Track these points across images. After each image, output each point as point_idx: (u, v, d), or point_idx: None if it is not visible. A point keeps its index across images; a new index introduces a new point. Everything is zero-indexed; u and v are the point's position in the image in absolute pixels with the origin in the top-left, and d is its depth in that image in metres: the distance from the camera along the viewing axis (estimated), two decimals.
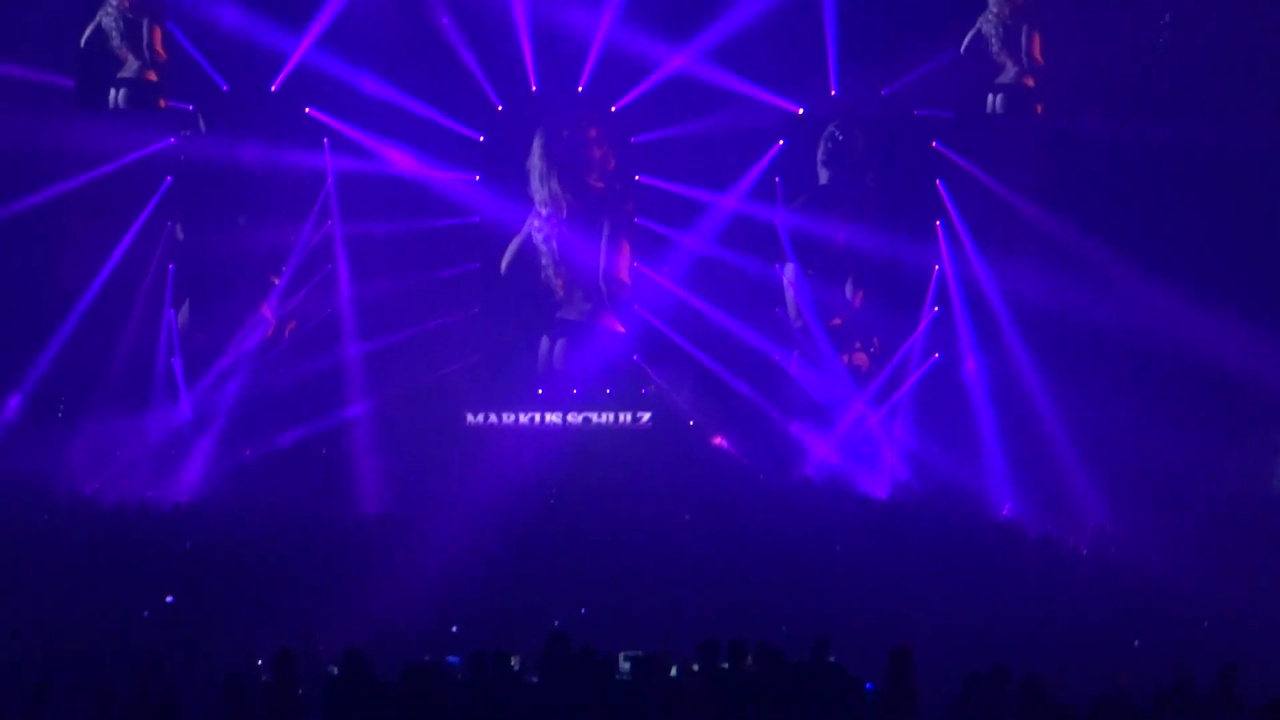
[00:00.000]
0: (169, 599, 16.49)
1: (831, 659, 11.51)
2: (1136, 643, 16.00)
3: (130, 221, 24.11)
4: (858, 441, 24.08)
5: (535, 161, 24.98)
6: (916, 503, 21.75)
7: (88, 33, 23.33)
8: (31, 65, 23.22)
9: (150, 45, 23.45)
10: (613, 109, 24.80)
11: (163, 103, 23.74)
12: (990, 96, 23.99)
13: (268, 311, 24.32)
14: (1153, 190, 23.62)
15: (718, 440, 24.43)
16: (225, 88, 24.34)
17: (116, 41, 23.35)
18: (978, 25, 24.04)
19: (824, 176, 25.15)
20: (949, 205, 24.64)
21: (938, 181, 24.73)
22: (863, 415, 24.26)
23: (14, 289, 23.17)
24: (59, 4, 23.40)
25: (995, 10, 23.97)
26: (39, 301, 23.42)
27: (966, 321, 24.52)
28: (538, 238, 25.06)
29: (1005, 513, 22.40)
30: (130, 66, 23.49)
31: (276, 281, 24.53)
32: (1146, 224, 23.51)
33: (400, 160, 24.42)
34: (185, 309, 24.58)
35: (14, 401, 22.89)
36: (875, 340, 24.96)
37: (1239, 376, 22.52)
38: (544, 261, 25.06)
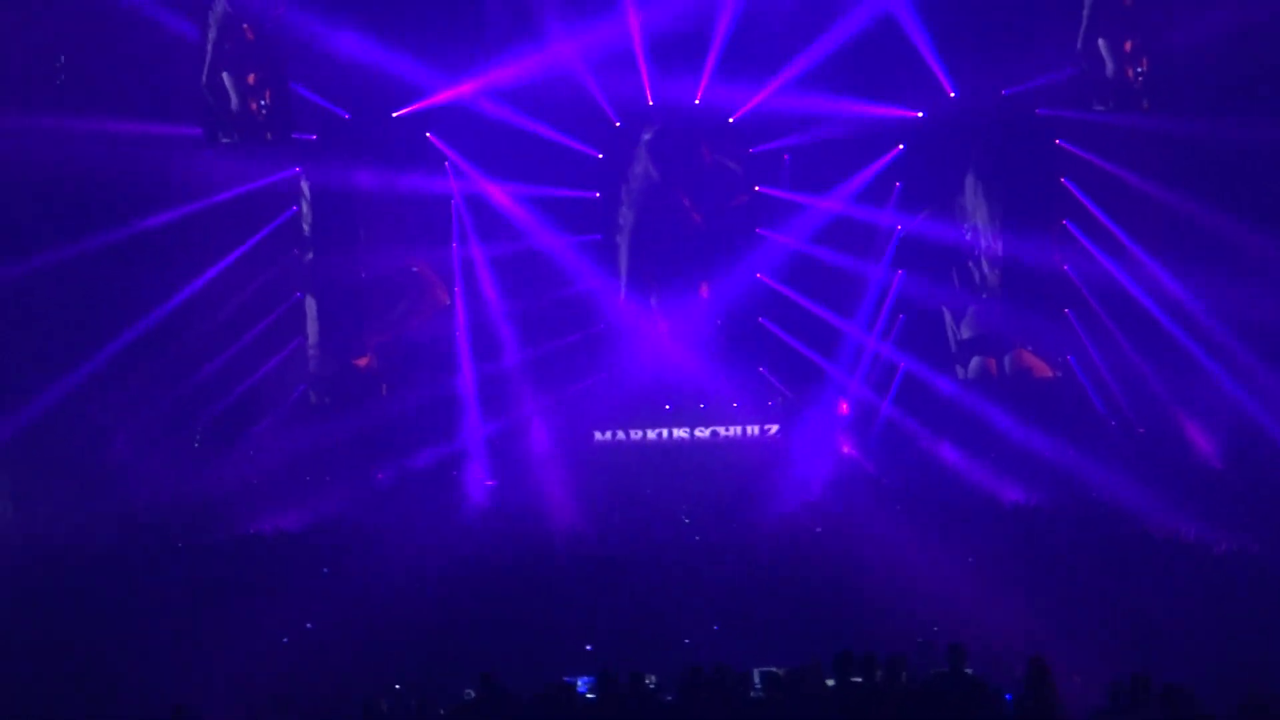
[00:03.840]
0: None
1: (969, 670, 11.34)
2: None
3: (258, 249, 24.46)
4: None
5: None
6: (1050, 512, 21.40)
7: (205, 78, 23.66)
8: (159, 120, 23.57)
9: (272, 90, 23.74)
10: (730, 120, 24.79)
11: (267, 135, 23.90)
12: (1099, 95, 23.65)
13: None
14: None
15: (847, 448, 24.26)
16: (346, 116, 24.62)
17: (235, 90, 23.66)
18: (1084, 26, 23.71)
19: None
20: (1082, 203, 24.40)
21: (1063, 180, 24.55)
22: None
23: (145, 322, 23.52)
24: (182, 63, 23.74)
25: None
26: (172, 333, 23.73)
27: (1109, 321, 24.23)
28: None
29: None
30: (249, 105, 23.81)
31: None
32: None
33: (520, 181, 24.65)
34: (314, 333, 24.89)
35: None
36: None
37: None
38: None
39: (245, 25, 23.47)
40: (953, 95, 24.32)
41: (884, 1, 23.79)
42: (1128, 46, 23.41)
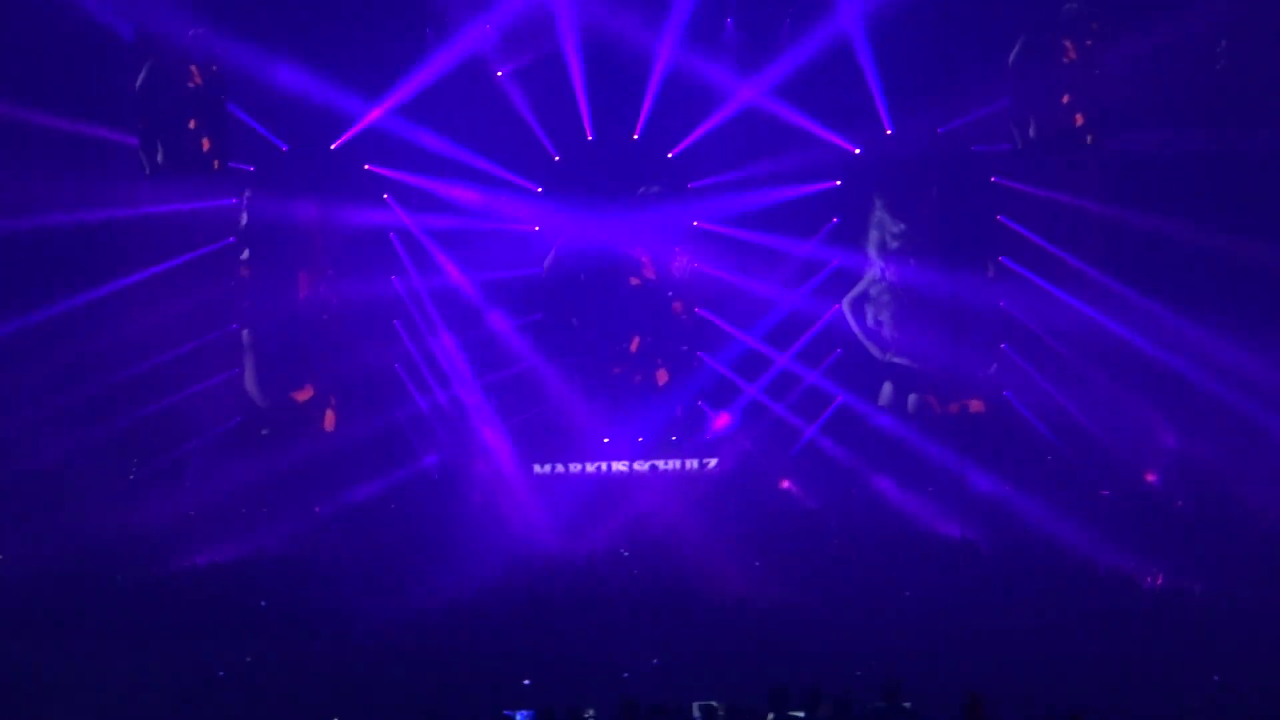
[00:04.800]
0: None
1: (906, 704, 11.40)
2: (1215, 678, 15.77)
3: (194, 282, 24.35)
4: None
5: None
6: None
7: (142, 97, 23.54)
8: (96, 122, 23.44)
9: (212, 118, 23.66)
10: (669, 155, 24.89)
11: (215, 164, 23.85)
12: (1037, 130, 23.89)
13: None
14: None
15: (785, 484, 24.33)
16: (284, 148, 24.57)
17: (179, 113, 23.57)
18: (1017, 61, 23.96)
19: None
20: (1017, 239, 24.61)
21: (999, 217, 24.76)
22: None
23: (80, 346, 23.33)
24: (121, 64, 23.60)
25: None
26: (103, 358, 23.55)
27: (1036, 355, 24.43)
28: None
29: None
30: (190, 134, 23.73)
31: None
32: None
33: (461, 208, 24.64)
34: (250, 368, 24.77)
35: None
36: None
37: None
38: None
39: (192, 67, 23.41)
40: (889, 131, 24.56)
41: (824, 40, 23.96)
42: (1065, 99, 23.75)
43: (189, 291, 24.24)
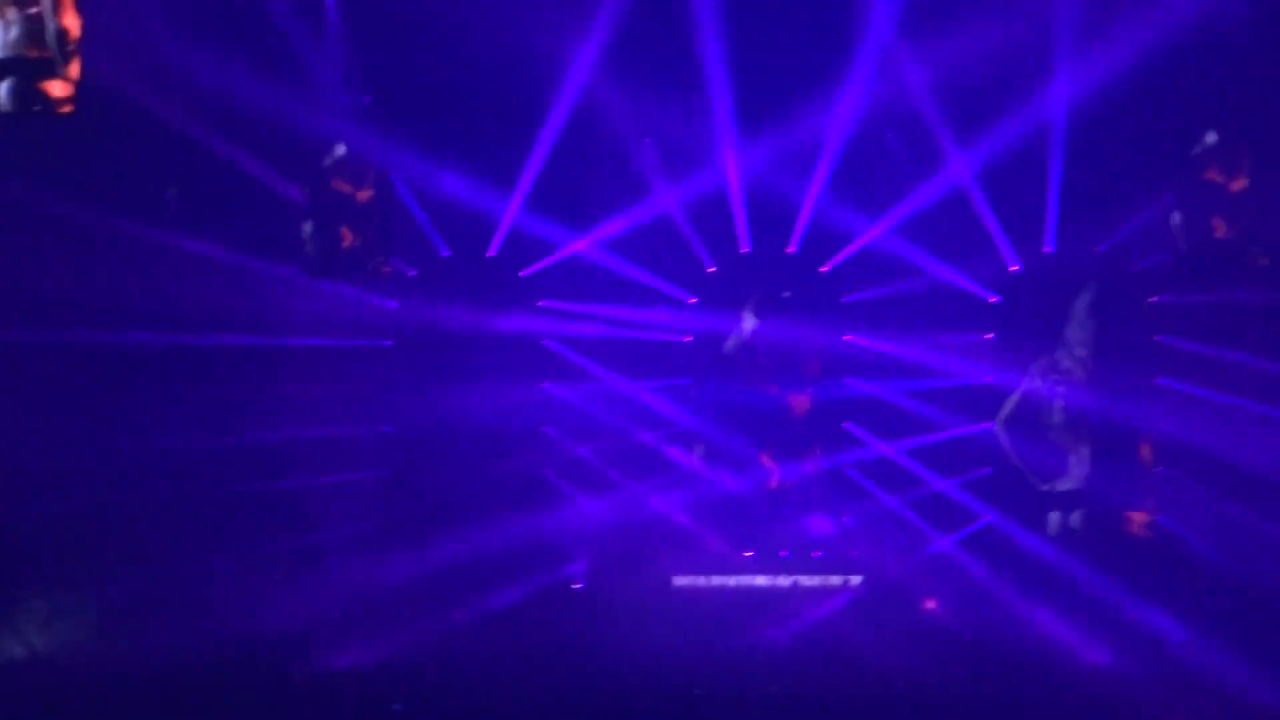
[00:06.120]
0: None
1: None
2: None
3: (354, 384, 24.81)
4: None
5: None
6: None
7: (307, 227, 24.10)
8: (258, 251, 24.04)
9: (376, 231, 24.20)
10: (822, 269, 24.89)
11: (386, 269, 24.38)
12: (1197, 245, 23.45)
13: None
14: None
15: (930, 604, 23.99)
16: (446, 253, 25.03)
17: (340, 226, 24.15)
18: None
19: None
20: (1177, 357, 24.13)
21: (1158, 337, 24.34)
22: None
23: (238, 450, 23.75)
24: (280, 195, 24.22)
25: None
26: (257, 462, 23.95)
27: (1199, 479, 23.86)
28: None
29: None
30: (350, 240, 24.29)
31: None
32: None
33: (615, 318, 24.88)
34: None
35: None
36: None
37: None
38: None
39: (356, 188, 24.01)
40: (1047, 250, 24.31)
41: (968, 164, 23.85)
42: (1219, 227, 23.30)
43: (347, 400, 24.67)
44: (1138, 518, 24.38)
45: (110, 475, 22.34)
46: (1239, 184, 23.24)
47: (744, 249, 24.99)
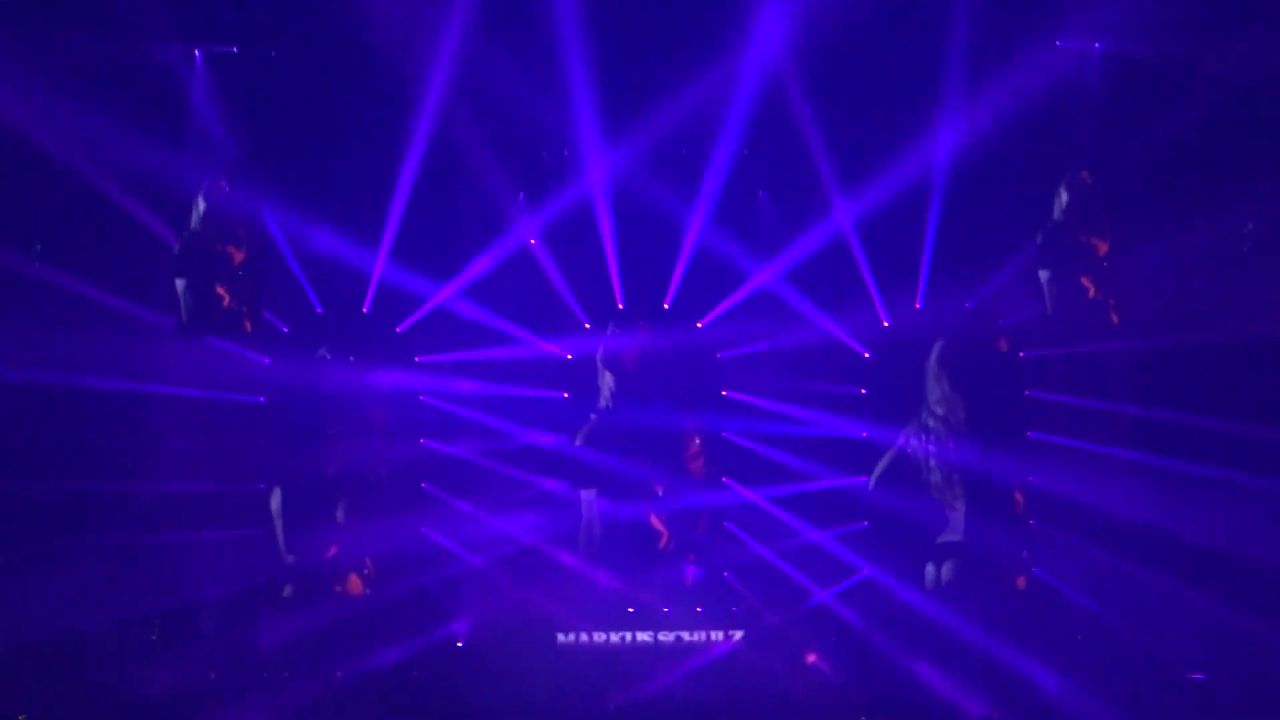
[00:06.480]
0: None
1: None
2: None
3: (226, 439, 24.30)
4: None
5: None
6: None
7: (181, 284, 23.69)
8: (130, 298, 23.58)
9: (249, 288, 23.88)
10: (699, 325, 25.00)
11: (247, 325, 24.01)
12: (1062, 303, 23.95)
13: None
14: None
15: (811, 658, 24.05)
16: (320, 310, 24.72)
17: (214, 284, 23.76)
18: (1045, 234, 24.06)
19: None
20: (1048, 410, 24.54)
21: (1028, 392, 24.74)
22: None
23: (104, 498, 23.17)
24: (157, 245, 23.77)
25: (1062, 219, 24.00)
26: (126, 518, 23.37)
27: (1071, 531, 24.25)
28: None
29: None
30: (226, 300, 23.91)
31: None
32: None
33: (492, 374, 24.77)
34: (280, 525, 24.61)
35: None
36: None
37: None
38: None
39: (231, 247, 23.65)
40: (918, 306, 24.67)
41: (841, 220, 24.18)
42: (1089, 287, 23.83)
43: (218, 452, 24.16)
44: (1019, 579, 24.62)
45: None
46: (1103, 246, 23.83)
47: (620, 305, 25.03)
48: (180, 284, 23.46)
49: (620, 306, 25.03)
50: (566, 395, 25.17)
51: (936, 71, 23.41)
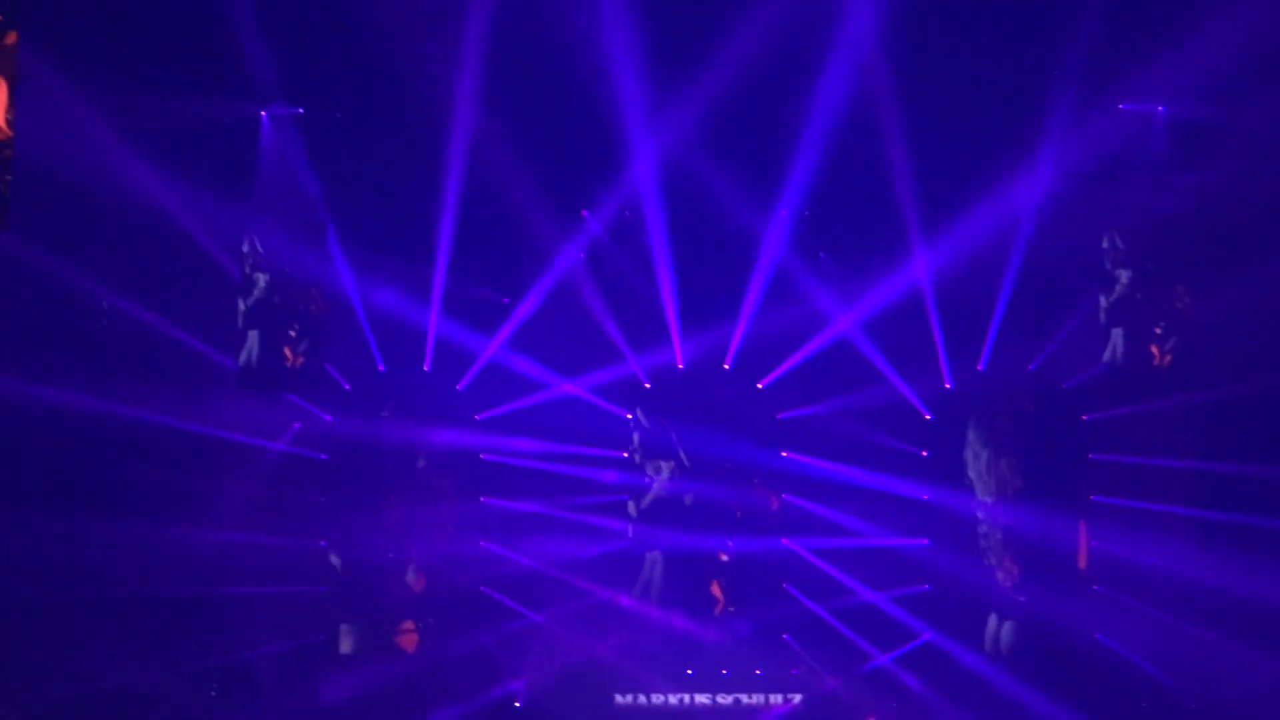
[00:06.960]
0: None
1: None
2: None
3: (287, 492, 24.38)
4: None
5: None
6: None
7: (252, 336, 23.93)
8: (198, 339, 23.75)
9: (315, 344, 24.14)
10: (759, 385, 24.96)
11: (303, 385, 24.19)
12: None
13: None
14: None
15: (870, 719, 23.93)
16: (382, 368, 24.83)
17: (282, 339, 23.95)
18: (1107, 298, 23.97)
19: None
20: (1112, 473, 24.32)
21: (1091, 455, 24.56)
22: None
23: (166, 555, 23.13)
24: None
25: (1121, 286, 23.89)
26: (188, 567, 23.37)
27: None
28: None
29: None
30: (293, 360, 24.12)
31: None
32: None
33: (554, 434, 24.79)
34: (337, 563, 24.65)
35: None
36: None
37: None
38: None
39: (301, 303, 23.85)
40: (980, 369, 24.55)
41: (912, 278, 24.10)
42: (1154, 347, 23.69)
43: (281, 511, 24.26)
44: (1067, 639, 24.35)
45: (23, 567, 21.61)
46: (1179, 303, 23.68)
47: (680, 365, 25.04)
48: (252, 336, 23.74)
49: (680, 366, 25.02)
50: (626, 455, 25.18)
51: (1020, 128, 23.45)
